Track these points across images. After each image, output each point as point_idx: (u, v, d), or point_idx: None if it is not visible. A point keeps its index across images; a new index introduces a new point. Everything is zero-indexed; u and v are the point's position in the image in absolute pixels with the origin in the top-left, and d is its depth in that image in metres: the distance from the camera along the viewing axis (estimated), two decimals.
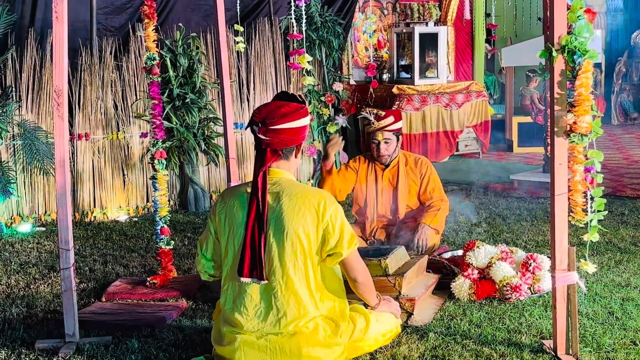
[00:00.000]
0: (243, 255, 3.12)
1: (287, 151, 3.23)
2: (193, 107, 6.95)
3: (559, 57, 3.23)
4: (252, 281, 3.13)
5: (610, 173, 8.25)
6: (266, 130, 3.13)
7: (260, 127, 3.14)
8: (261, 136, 3.14)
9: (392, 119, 4.98)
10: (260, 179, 3.14)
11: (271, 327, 3.16)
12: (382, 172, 5.11)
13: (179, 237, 6.08)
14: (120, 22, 7.42)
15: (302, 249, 3.14)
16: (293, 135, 3.19)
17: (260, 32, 7.90)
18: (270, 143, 3.16)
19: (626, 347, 3.52)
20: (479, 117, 9.92)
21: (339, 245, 3.17)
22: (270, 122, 3.13)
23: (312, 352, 3.16)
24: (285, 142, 3.18)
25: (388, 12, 10.27)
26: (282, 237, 3.13)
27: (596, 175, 3.25)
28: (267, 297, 3.17)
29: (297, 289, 3.15)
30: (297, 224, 3.12)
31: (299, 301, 3.15)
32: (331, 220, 3.15)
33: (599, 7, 13.41)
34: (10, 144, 6.61)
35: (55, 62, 3.72)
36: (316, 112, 8.18)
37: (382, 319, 3.50)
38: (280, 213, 3.14)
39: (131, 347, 3.68)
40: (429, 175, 5.08)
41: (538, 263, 4.32)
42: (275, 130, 3.14)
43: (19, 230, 6.49)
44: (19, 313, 4.31)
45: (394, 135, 5.03)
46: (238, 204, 3.23)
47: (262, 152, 3.18)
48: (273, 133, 3.14)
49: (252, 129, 3.17)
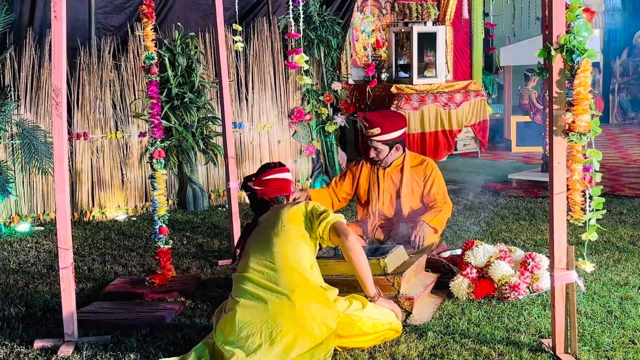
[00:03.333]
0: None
1: (279, 200, 3.84)
2: (192, 107, 6.95)
3: (557, 56, 3.23)
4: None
5: (609, 172, 8.26)
6: (259, 182, 3.81)
7: (254, 180, 3.82)
8: (256, 187, 3.80)
9: (378, 130, 4.94)
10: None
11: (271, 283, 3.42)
12: (384, 171, 5.11)
13: (177, 237, 6.08)
14: (119, 21, 7.42)
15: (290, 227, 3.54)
16: (282, 185, 3.84)
17: (258, 31, 7.91)
18: (265, 192, 3.81)
19: (625, 345, 3.53)
20: (477, 117, 9.93)
21: (325, 213, 3.56)
22: (261, 175, 3.84)
23: (308, 308, 3.34)
24: (276, 190, 3.82)
25: (386, 11, 10.27)
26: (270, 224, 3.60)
27: (595, 174, 3.25)
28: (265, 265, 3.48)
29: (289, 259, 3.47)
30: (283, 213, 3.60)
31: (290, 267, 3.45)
32: (314, 205, 3.64)
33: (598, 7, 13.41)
34: (9, 143, 6.61)
35: (53, 62, 3.72)
36: (315, 112, 8.19)
37: (380, 308, 3.61)
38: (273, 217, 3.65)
39: (130, 346, 3.69)
40: (434, 177, 5.07)
41: (537, 262, 4.32)
42: (267, 180, 3.82)
43: (17, 230, 6.49)
44: (17, 312, 4.31)
45: (383, 145, 5.00)
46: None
47: (260, 201, 3.82)
48: (266, 183, 3.81)
49: (246, 186, 3.83)
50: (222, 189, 7.54)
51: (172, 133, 6.94)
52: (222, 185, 7.54)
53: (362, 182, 5.15)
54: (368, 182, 5.13)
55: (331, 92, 8.33)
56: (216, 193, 7.58)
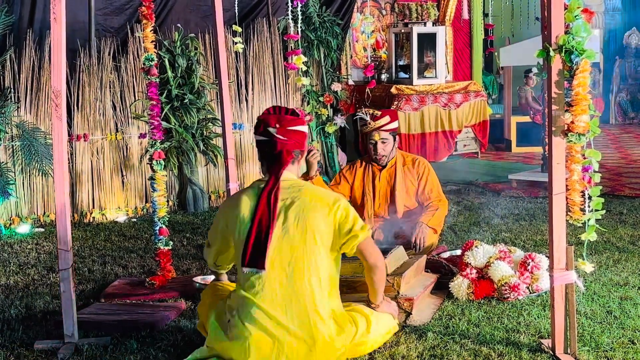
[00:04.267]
0: (247, 244, 3.17)
1: (297, 154, 3.33)
2: (191, 108, 6.96)
3: (556, 56, 3.23)
4: (252, 271, 3.15)
5: (609, 172, 8.26)
6: (284, 131, 3.24)
7: (279, 127, 3.24)
8: (280, 136, 3.23)
9: (388, 118, 4.98)
10: (272, 178, 3.24)
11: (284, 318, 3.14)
12: (379, 173, 5.11)
13: (177, 238, 6.08)
14: (119, 23, 7.42)
15: (315, 241, 3.17)
16: (302, 138, 3.33)
17: (258, 32, 7.91)
18: (287, 144, 3.25)
19: (624, 346, 3.53)
20: (477, 117, 9.93)
21: (353, 230, 3.21)
22: (286, 124, 3.25)
23: (318, 351, 3.16)
24: (297, 144, 3.30)
25: (386, 12, 10.28)
26: (295, 229, 3.17)
27: (594, 174, 3.25)
28: (275, 284, 3.15)
29: (305, 276, 3.15)
30: (312, 217, 3.17)
31: (308, 292, 3.15)
32: (344, 211, 3.23)
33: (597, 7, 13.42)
34: (9, 145, 6.61)
35: (53, 63, 3.73)
36: (315, 113, 8.19)
37: (381, 321, 3.48)
38: (294, 207, 3.19)
39: (130, 348, 3.69)
40: (427, 175, 5.08)
41: (536, 262, 4.32)
42: (291, 131, 3.26)
43: (17, 231, 6.49)
44: (17, 314, 4.31)
45: (390, 135, 5.03)
46: (248, 198, 3.26)
47: (279, 153, 3.26)
48: (290, 134, 3.26)
49: (267, 131, 3.25)
50: (222, 190, 7.54)
51: (172, 134, 6.94)
52: (222, 186, 7.53)
53: (356, 185, 5.16)
54: (362, 185, 5.14)
55: (331, 93, 8.33)
56: (216, 194, 7.58)
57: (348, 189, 5.17)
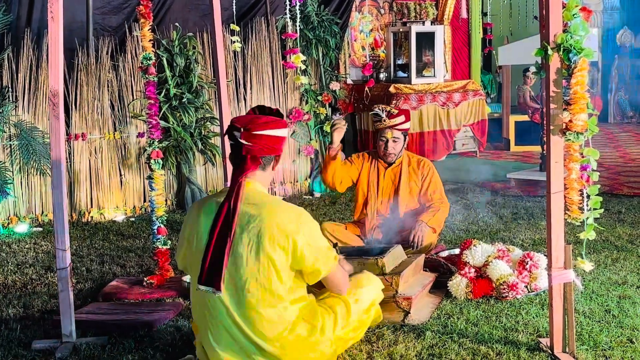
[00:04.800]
0: (204, 261, 2.98)
1: (267, 160, 3.12)
2: (190, 107, 6.95)
3: (554, 55, 3.23)
4: (208, 290, 2.97)
5: (607, 171, 8.26)
6: (248, 135, 3.03)
7: (243, 131, 3.04)
8: (243, 141, 3.03)
9: (403, 118, 5.01)
10: (235, 187, 3.03)
11: (240, 337, 3.03)
12: (385, 171, 5.11)
13: (176, 237, 6.07)
14: (117, 22, 7.41)
15: (269, 269, 2.98)
16: (273, 143, 3.10)
17: (256, 31, 7.91)
18: (252, 149, 3.05)
19: (623, 344, 3.53)
20: (476, 116, 9.93)
21: (314, 268, 3.06)
22: (252, 128, 3.04)
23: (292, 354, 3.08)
24: (266, 149, 3.08)
25: (385, 11, 10.27)
26: (250, 253, 2.97)
27: (592, 173, 3.25)
28: (228, 307, 3.01)
29: (257, 303, 2.99)
30: (267, 245, 2.96)
31: (260, 315, 3.00)
32: (306, 244, 3.02)
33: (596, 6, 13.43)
34: (7, 144, 6.60)
35: (50, 63, 3.72)
36: (313, 112, 8.19)
37: (360, 296, 3.36)
38: (252, 225, 2.98)
39: (128, 347, 3.68)
40: (431, 177, 5.08)
41: (535, 261, 4.32)
42: (257, 135, 3.04)
43: (15, 231, 6.49)
44: (15, 313, 4.30)
45: (402, 135, 5.05)
46: (206, 213, 3.09)
47: (242, 158, 3.07)
48: (255, 139, 3.04)
49: (232, 134, 3.06)
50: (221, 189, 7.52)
51: (170, 133, 6.94)
52: (220, 185, 7.53)
53: (362, 177, 5.15)
54: (367, 179, 5.14)
55: (329, 92, 8.33)
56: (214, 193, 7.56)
57: (357, 174, 5.15)
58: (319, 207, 7.14)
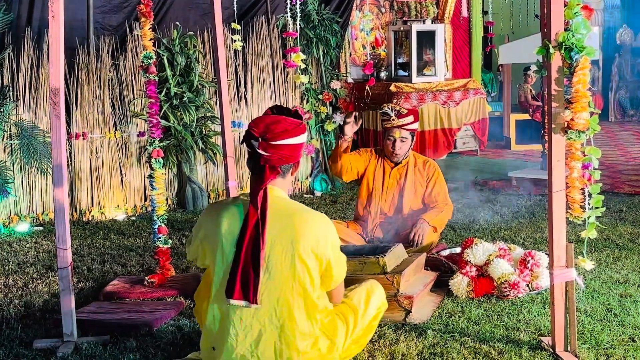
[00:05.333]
0: (235, 275, 2.90)
1: (286, 168, 3.04)
2: (190, 106, 6.95)
3: (556, 54, 3.23)
4: (244, 305, 2.91)
5: (608, 170, 8.25)
6: (267, 146, 2.93)
7: (261, 142, 2.92)
8: (261, 152, 2.93)
9: (412, 118, 5.00)
10: (260, 197, 2.93)
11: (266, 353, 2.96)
12: (391, 170, 5.11)
13: (176, 236, 6.07)
14: (117, 21, 7.41)
15: (305, 276, 2.95)
16: (293, 151, 3.00)
17: (257, 30, 7.90)
18: (270, 159, 2.95)
19: (624, 343, 3.52)
20: (476, 115, 9.91)
21: (335, 275, 3.07)
22: (271, 138, 2.92)
23: None
24: (285, 158, 2.98)
25: (385, 9, 10.26)
26: (284, 261, 2.92)
27: (594, 172, 3.24)
28: (260, 320, 2.95)
29: (294, 313, 2.96)
30: (302, 251, 2.92)
31: (295, 326, 2.96)
32: (333, 253, 3.02)
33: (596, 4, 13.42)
34: (8, 143, 6.60)
35: (51, 62, 3.72)
36: (314, 110, 8.19)
37: (369, 309, 3.36)
38: (284, 233, 2.93)
39: (129, 346, 3.68)
40: (436, 178, 5.08)
41: (536, 260, 4.32)
42: (276, 146, 2.94)
43: (16, 230, 6.48)
44: (16, 313, 4.30)
45: (410, 135, 5.04)
46: (228, 218, 2.99)
47: (261, 169, 2.96)
48: (274, 149, 2.94)
49: (251, 144, 2.95)
50: (222, 188, 7.53)
51: (171, 132, 6.93)
52: (221, 184, 7.53)
53: (368, 173, 5.14)
54: (373, 176, 5.13)
55: (330, 91, 8.33)
56: (215, 192, 7.57)
57: (363, 167, 5.15)
58: (319, 206, 7.14)
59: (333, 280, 3.07)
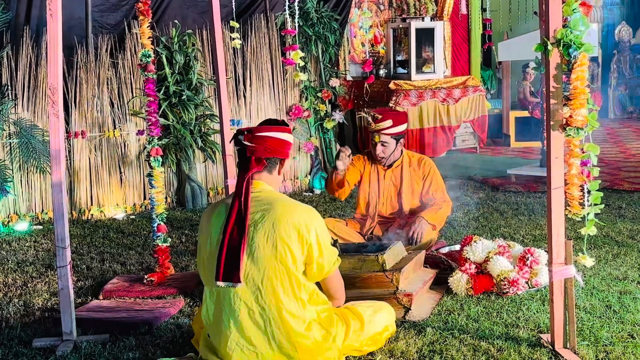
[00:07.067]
0: (219, 258, 3.06)
1: (271, 162, 3.25)
2: (189, 104, 6.94)
3: (554, 50, 3.22)
4: (227, 285, 3.06)
5: (608, 167, 8.25)
6: (252, 137, 3.19)
7: (246, 134, 3.20)
8: (246, 142, 3.19)
9: (389, 122, 4.90)
10: (244, 185, 3.14)
11: (259, 334, 3.10)
12: (385, 172, 5.09)
13: (176, 235, 6.07)
14: (116, 19, 7.40)
15: (286, 256, 3.08)
16: (278, 146, 3.24)
17: (256, 28, 7.89)
18: (255, 150, 3.19)
19: (623, 340, 3.52)
20: (476, 112, 9.91)
21: (320, 264, 3.19)
22: (256, 130, 3.22)
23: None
24: (269, 151, 3.21)
25: (384, 7, 10.26)
26: (266, 243, 3.07)
27: (592, 168, 3.24)
28: (248, 303, 3.09)
29: (279, 294, 3.08)
30: (283, 233, 3.07)
31: (282, 305, 3.08)
32: (316, 239, 3.15)
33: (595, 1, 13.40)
34: (7, 142, 6.60)
35: (49, 60, 3.72)
36: (313, 108, 8.18)
37: (375, 319, 3.46)
38: (266, 217, 3.10)
39: (129, 345, 3.68)
40: (432, 176, 5.06)
41: (535, 257, 4.32)
42: (261, 137, 3.20)
43: (16, 229, 6.48)
44: (16, 311, 4.30)
45: (392, 139, 4.97)
46: (217, 215, 3.20)
47: (246, 160, 3.20)
48: (258, 140, 3.19)
49: (237, 138, 3.22)
50: (221, 187, 7.53)
51: (170, 131, 6.93)
52: (220, 182, 7.53)
53: (364, 180, 5.13)
54: (369, 181, 5.12)
55: (329, 89, 8.32)
56: (215, 191, 7.57)
57: (359, 176, 5.13)
58: (319, 204, 7.13)
59: (318, 268, 3.18)
